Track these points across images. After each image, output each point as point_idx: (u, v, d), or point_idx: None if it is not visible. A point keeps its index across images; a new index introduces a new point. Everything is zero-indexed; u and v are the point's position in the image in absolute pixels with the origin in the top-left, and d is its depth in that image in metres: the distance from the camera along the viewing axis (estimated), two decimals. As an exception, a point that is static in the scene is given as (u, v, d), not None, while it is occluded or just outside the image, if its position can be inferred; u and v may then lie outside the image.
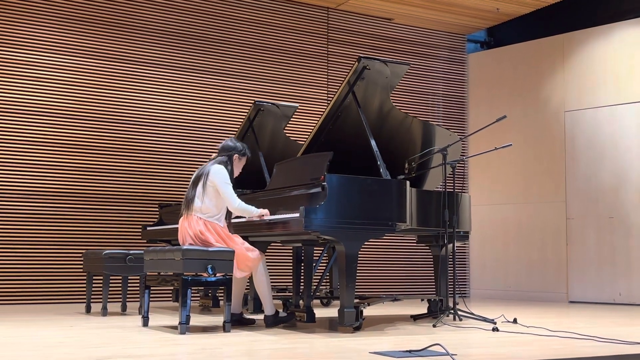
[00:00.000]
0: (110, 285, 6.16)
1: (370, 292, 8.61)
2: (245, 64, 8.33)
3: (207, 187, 4.77)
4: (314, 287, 5.76)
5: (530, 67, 8.94)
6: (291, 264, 5.86)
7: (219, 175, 4.76)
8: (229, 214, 4.93)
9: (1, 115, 7.18)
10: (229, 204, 4.76)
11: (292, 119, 6.71)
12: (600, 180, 8.16)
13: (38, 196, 7.27)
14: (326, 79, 8.80)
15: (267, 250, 5.98)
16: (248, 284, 5.32)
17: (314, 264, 5.81)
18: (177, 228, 4.93)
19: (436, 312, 5.51)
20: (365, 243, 4.74)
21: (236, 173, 5.00)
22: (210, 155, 5.11)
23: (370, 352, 3.60)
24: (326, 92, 8.77)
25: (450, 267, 5.60)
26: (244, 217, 5.00)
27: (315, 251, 5.63)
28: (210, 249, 4.62)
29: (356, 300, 4.62)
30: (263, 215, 4.81)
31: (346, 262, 4.50)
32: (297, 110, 6.69)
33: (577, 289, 8.26)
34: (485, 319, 5.25)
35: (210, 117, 8.10)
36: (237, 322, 4.98)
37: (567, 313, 6.70)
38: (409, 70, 6.23)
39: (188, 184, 4.95)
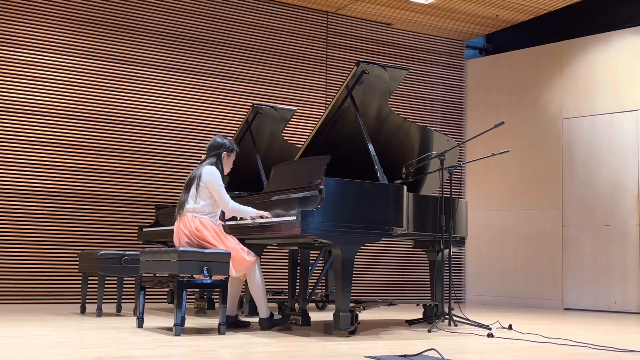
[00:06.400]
0: (106, 286, 6.15)
1: (365, 296, 8.60)
2: (244, 67, 8.33)
3: (201, 188, 4.79)
4: (310, 290, 5.76)
5: (529, 74, 8.96)
6: (287, 267, 5.85)
7: (211, 177, 4.78)
8: (223, 214, 4.94)
9: (-1, 114, 7.19)
10: (223, 206, 4.78)
11: (290, 122, 6.71)
12: (596, 188, 8.17)
13: (34, 196, 7.26)
14: (325, 83, 8.81)
15: (263, 253, 5.98)
16: (244, 286, 5.32)
17: (310, 268, 5.81)
18: (173, 230, 4.93)
19: (431, 317, 5.51)
20: (362, 247, 4.74)
21: (226, 170, 5.02)
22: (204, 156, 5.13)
23: (365, 357, 3.59)
24: (324, 95, 8.78)
25: (446, 272, 5.61)
26: (241, 220, 5.00)
27: (311, 255, 5.63)
28: (206, 250, 4.62)
29: (352, 304, 4.62)
30: (262, 217, 4.80)
31: (342, 265, 4.50)
32: (296, 113, 6.70)
33: (573, 296, 8.26)
34: (480, 325, 5.25)
35: (208, 119, 8.10)
36: (233, 324, 4.98)
37: (562, 320, 6.71)
38: (407, 75, 6.24)
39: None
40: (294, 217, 4.43)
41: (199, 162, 7.61)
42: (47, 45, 7.43)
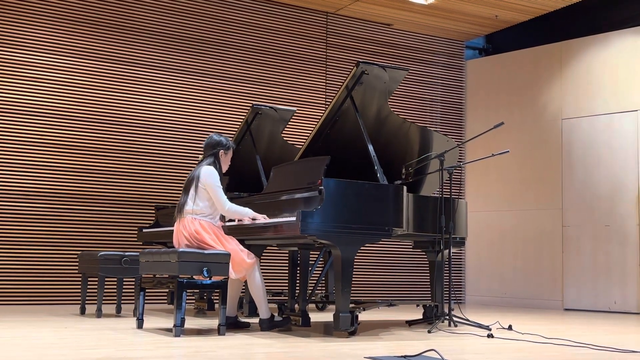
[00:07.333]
0: (106, 287, 6.15)
1: (365, 297, 8.60)
2: (244, 68, 8.33)
3: (200, 189, 4.79)
4: (310, 291, 5.76)
5: (528, 74, 8.96)
6: (287, 268, 5.85)
7: (210, 178, 4.79)
8: (223, 215, 4.94)
9: (-2, 115, 7.19)
10: (219, 207, 4.79)
11: (289, 123, 6.71)
12: (596, 188, 8.17)
13: (34, 197, 7.25)
14: (324, 84, 8.81)
15: (263, 254, 5.97)
16: (243, 287, 5.32)
17: (310, 268, 5.81)
18: (173, 231, 4.93)
19: (431, 318, 5.51)
20: (362, 248, 4.74)
21: (224, 168, 5.02)
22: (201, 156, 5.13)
23: (365, 357, 3.59)
24: (324, 96, 8.78)
25: (445, 273, 5.60)
26: (240, 221, 5.00)
27: (311, 255, 5.62)
28: (206, 251, 4.62)
29: (352, 305, 4.61)
30: (256, 219, 4.80)
31: (342, 266, 4.50)
32: (295, 114, 6.70)
33: (572, 297, 8.26)
34: (480, 326, 5.25)
35: (207, 120, 8.10)
36: (232, 325, 4.98)
37: (562, 320, 6.70)
38: (407, 76, 6.24)
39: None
40: (294, 218, 4.42)
41: (198, 162, 7.61)
42: (44, 45, 7.43)
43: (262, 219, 4.79)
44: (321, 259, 7.03)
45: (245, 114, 7.30)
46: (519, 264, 8.79)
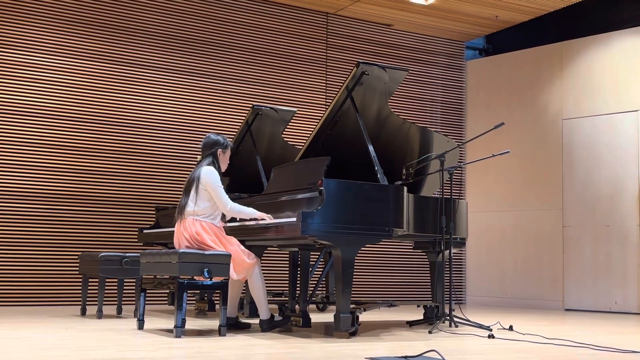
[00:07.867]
0: (106, 287, 6.15)
1: (366, 297, 8.60)
2: (244, 68, 8.33)
3: (200, 190, 4.78)
4: (310, 291, 5.76)
5: (529, 74, 8.96)
6: (287, 269, 5.85)
7: (210, 177, 4.78)
8: (224, 215, 4.94)
9: (-1, 116, 7.19)
10: (221, 206, 4.78)
11: (290, 124, 6.71)
12: (597, 188, 8.17)
13: (34, 198, 7.25)
14: (325, 84, 8.81)
15: (264, 254, 5.97)
16: (244, 288, 5.32)
17: (310, 269, 5.81)
18: (173, 231, 4.93)
19: (432, 319, 5.51)
20: (362, 248, 4.74)
21: (223, 168, 5.01)
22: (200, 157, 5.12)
23: (365, 358, 3.59)
24: (324, 97, 8.78)
25: (446, 273, 5.60)
26: (241, 221, 5.00)
27: (311, 256, 5.62)
28: (206, 252, 4.62)
29: (352, 306, 4.61)
30: (264, 219, 4.79)
31: (343, 267, 4.50)
32: (296, 114, 6.70)
33: (573, 297, 8.26)
34: (481, 326, 5.24)
35: (208, 121, 8.10)
36: (233, 326, 4.98)
37: (563, 321, 6.70)
38: (407, 76, 6.24)
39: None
40: (295, 219, 4.42)
41: (197, 163, 7.61)
42: (45, 46, 7.43)
43: (267, 219, 4.77)
44: (322, 260, 7.03)
45: (245, 115, 7.31)
46: (520, 264, 8.79)
